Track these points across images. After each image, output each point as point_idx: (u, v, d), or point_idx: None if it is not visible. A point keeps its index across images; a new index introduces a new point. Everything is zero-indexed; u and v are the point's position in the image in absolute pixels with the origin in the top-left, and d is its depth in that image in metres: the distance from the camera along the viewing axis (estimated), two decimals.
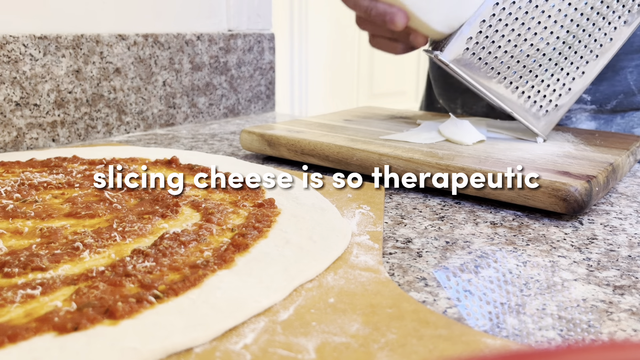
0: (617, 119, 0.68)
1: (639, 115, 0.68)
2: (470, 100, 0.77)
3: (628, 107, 0.68)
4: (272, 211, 0.41)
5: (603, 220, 0.43)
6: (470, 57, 0.54)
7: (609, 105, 0.68)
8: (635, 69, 0.66)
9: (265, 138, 0.58)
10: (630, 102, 0.67)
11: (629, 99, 0.67)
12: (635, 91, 0.66)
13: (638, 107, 0.68)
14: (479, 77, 0.55)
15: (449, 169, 0.47)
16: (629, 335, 0.27)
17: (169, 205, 0.41)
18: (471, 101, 0.77)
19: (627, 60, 0.66)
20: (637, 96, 0.66)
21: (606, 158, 0.50)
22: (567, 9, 0.53)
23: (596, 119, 0.69)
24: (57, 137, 0.68)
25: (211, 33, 0.84)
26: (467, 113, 0.79)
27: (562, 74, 0.55)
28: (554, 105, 0.56)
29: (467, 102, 0.79)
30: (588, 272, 0.34)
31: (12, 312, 0.27)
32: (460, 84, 0.78)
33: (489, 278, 0.33)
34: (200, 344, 0.25)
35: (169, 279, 0.30)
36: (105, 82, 0.72)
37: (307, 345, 0.25)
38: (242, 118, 0.90)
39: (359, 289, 0.30)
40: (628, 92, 0.67)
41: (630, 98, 0.67)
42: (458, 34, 0.53)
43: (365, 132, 0.59)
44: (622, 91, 0.67)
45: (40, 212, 0.40)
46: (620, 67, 0.66)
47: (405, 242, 0.39)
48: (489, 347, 0.25)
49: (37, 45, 0.64)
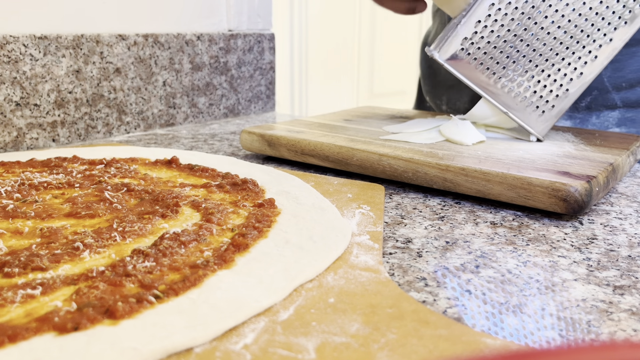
0: (593, 119, 0.68)
1: (614, 116, 0.67)
2: (455, 96, 0.78)
3: (602, 105, 0.67)
4: (272, 211, 0.41)
5: (603, 220, 0.43)
6: (466, 57, 0.54)
7: (583, 102, 0.67)
8: (609, 65, 0.65)
9: (265, 138, 0.58)
10: (604, 99, 0.67)
11: (603, 95, 0.67)
12: (609, 88, 0.66)
13: (612, 105, 0.67)
14: (475, 77, 0.55)
15: (449, 169, 0.47)
16: (629, 335, 0.27)
17: (169, 205, 0.41)
18: (455, 97, 0.78)
19: None
20: (611, 93, 0.66)
21: (606, 158, 0.50)
22: (564, 9, 0.53)
23: (572, 118, 0.69)
24: (57, 137, 0.68)
25: (211, 33, 0.84)
26: (452, 109, 0.80)
27: (559, 75, 0.55)
28: (550, 106, 0.56)
29: (452, 99, 0.80)
30: (588, 272, 0.34)
31: (12, 312, 0.27)
32: (447, 82, 0.79)
33: (489, 278, 0.33)
34: (200, 344, 0.25)
35: (169, 279, 0.30)
36: (105, 82, 0.72)
37: (307, 345, 0.25)
38: (242, 118, 0.90)
39: (359, 289, 0.30)
40: (602, 88, 0.66)
41: (604, 95, 0.66)
42: (454, 34, 0.53)
43: (365, 132, 0.59)
44: (596, 87, 0.66)
45: (40, 212, 0.40)
46: None
47: (405, 242, 0.39)
48: (489, 347, 0.25)
49: (37, 45, 0.64)
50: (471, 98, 0.75)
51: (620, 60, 0.65)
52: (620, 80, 0.66)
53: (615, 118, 0.67)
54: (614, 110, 0.67)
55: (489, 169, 0.45)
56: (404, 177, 0.50)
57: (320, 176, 0.52)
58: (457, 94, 0.77)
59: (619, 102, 0.66)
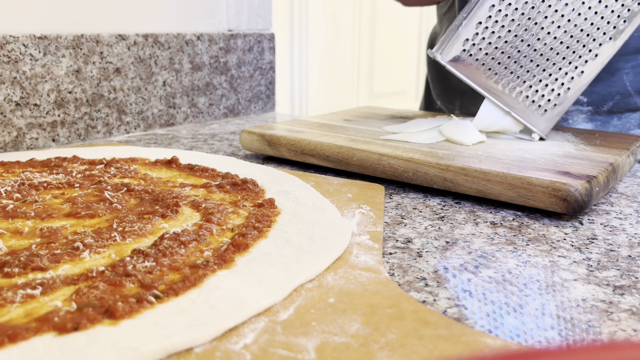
0: (614, 121, 0.68)
1: (635, 117, 0.68)
2: (469, 101, 0.77)
3: (624, 109, 0.67)
4: (272, 211, 0.41)
5: (603, 220, 0.43)
6: (467, 58, 0.54)
7: (606, 106, 0.68)
8: (631, 70, 0.66)
9: (265, 138, 0.58)
10: (626, 103, 0.67)
11: (625, 100, 0.67)
12: (632, 92, 0.66)
13: (634, 108, 0.67)
14: (477, 78, 0.55)
15: (449, 169, 0.47)
16: (629, 335, 0.27)
17: (169, 205, 0.41)
18: (470, 102, 0.77)
19: (623, 61, 0.66)
20: (633, 97, 0.66)
21: (606, 158, 0.50)
22: (564, 10, 0.53)
23: (593, 121, 0.69)
24: (57, 137, 0.68)
25: (211, 33, 0.84)
26: (466, 114, 0.79)
27: (560, 74, 0.55)
28: (552, 105, 0.56)
29: (466, 104, 0.79)
30: (588, 272, 0.34)
31: (12, 312, 0.27)
32: (459, 86, 0.79)
33: (489, 278, 0.33)
34: (200, 344, 0.25)
35: (169, 279, 0.30)
36: (105, 82, 0.72)
37: (307, 345, 0.25)
38: (242, 118, 0.90)
39: (359, 289, 0.30)
40: (624, 93, 0.67)
41: (627, 99, 0.67)
42: (455, 35, 0.54)
43: (365, 132, 0.59)
44: (618, 92, 0.66)
45: (40, 212, 0.40)
46: (616, 69, 0.66)
47: (405, 242, 0.39)
48: (489, 347, 0.25)
49: (37, 45, 0.64)
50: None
51: None
52: None
53: (636, 119, 0.68)
54: (636, 112, 0.67)
55: (489, 168, 0.45)
56: (404, 177, 0.50)
57: (320, 176, 0.52)
58: (471, 99, 0.77)
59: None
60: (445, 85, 0.83)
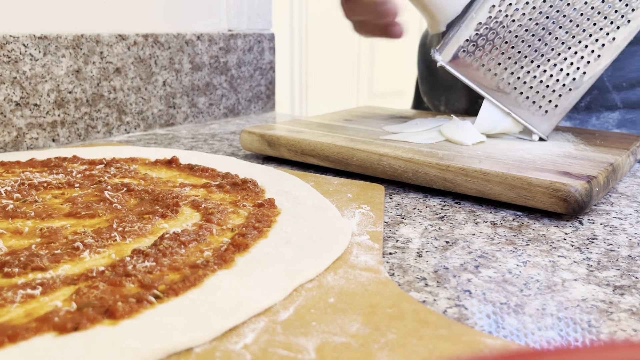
0: (592, 120, 0.67)
1: (614, 117, 0.67)
2: (453, 97, 0.78)
3: (602, 106, 0.66)
4: (272, 211, 0.41)
5: (603, 220, 0.43)
6: (468, 59, 0.54)
7: (583, 102, 0.67)
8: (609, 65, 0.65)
9: (265, 138, 0.58)
10: (604, 99, 0.66)
11: (603, 95, 0.66)
12: (610, 88, 0.65)
13: (612, 106, 0.66)
14: (477, 78, 0.55)
15: (449, 169, 0.47)
16: (629, 335, 0.27)
17: (169, 205, 0.41)
18: (453, 98, 0.78)
19: None
20: (611, 93, 0.65)
21: (606, 158, 0.50)
22: (565, 9, 0.53)
23: (571, 119, 0.68)
24: (57, 137, 0.68)
25: (211, 33, 0.84)
26: (450, 110, 0.80)
27: (561, 74, 0.55)
28: (554, 106, 0.56)
29: (450, 99, 0.79)
30: (588, 272, 0.34)
31: (12, 312, 0.27)
32: (445, 82, 0.79)
33: (489, 278, 0.33)
34: (200, 344, 0.25)
35: (169, 279, 0.30)
36: (105, 82, 0.72)
37: (307, 345, 0.25)
38: (242, 118, 0.90)
39: (359, 289, 0.30)
40: (602, 88, 0.66)
41: (605, 95, 0.66)
42: (455, 36, 0.54)
43: (365, 132, 0.59)
44: (596, 87, 0.66)
45: (40, 212, 0.40)
46: None
47: (405, 242, 0.39)
48: (489, 347, 0.25)
49: (37, 45, 0.64)
50: (469, 98, 0.75)
51: (621, 59, 0.65)
52: (621, 80, 0.65)
53: (615, 119, 0.67)
54: (614, 111, 0.66)
55: (489, 169, 0.45)
56: (404, 177, 0.50)
57: (320, 176, 0.52)
58: (455, 95, 0.77)
59: (619, 103, 0.66)
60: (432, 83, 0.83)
